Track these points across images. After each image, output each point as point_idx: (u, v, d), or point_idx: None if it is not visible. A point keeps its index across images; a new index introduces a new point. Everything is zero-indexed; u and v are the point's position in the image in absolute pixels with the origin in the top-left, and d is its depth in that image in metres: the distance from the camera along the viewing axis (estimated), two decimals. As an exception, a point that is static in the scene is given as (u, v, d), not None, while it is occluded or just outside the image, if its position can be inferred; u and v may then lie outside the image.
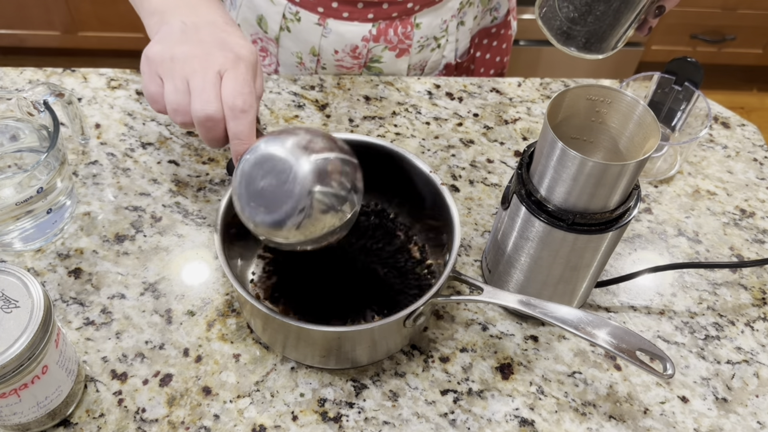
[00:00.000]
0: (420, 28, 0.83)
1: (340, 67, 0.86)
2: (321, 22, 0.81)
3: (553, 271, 0.58)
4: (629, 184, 0.51)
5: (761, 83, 2.28)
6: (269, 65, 0.88)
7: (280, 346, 0.59)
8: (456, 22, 0.86)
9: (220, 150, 0.77)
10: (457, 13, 0.85)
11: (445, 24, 0.85)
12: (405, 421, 0.58)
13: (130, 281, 0.65)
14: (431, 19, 0.83)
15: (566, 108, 0.53)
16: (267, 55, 0.86)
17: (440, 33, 0.85)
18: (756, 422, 0.60)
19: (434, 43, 0.86)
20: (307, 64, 0.86)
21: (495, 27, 0.93)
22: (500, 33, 0.94)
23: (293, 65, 0.87)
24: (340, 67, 0.86)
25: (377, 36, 0.82)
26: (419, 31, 0.84)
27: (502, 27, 0.94)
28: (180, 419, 0.57)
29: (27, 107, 0.64)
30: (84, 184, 0.72)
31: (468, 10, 0.86)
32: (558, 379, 0.61)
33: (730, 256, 0.72)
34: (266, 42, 0.85)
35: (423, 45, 0.85)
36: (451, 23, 0.85)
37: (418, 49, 0.86)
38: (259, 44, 0.85)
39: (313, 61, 0.86)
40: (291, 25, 0.82)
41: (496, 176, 0.77)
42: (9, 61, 2.12)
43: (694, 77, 0.75)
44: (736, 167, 0.80)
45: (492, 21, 0.92)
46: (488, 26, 0.93)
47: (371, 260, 0.65)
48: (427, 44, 0.86)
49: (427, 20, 0.83)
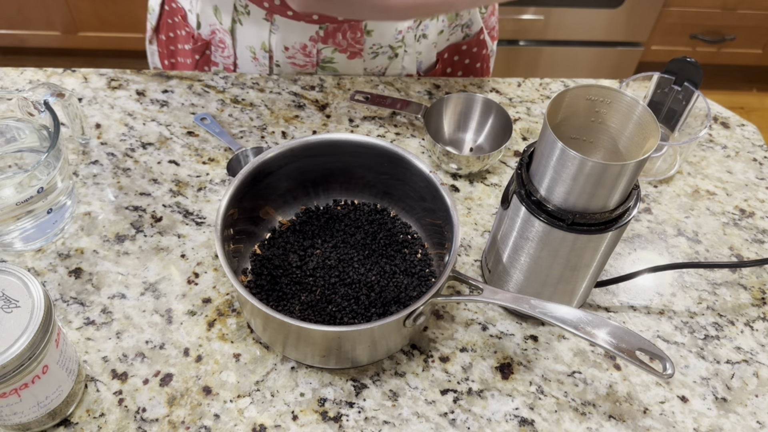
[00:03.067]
0: (371, 36, 0.83)
1: (293, 65, 0.86)
2: (268, 18, 0.81)
3: (552, 271, 0.58)
4: (629, 184, 0.51)
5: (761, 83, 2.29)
6: (227, 57, 0.88)
7: (280, 346, 0.59)
8: (414, 34, 0.85)
9: (221, 150, 0.77)
10: (415, 26, 0.84)
11: (400, 34, 0.84)
12: (405, 421, 0.58)
13: (131, 281, 0.65)
14: (383, 28, 0.82)
15: (566, 108, 0.53)
16: (225, 47, 0.86)
17: (396, 42, 0.84)
18: (755, 422, 0.60)
19: (390, 52, 0.85)
20: (260, 60, 0.86)
21: (466, 44, 0.91)
22: (472, 51, 0.92)
23: (249, 59, 0.87)
24: (293, 65, 0.86)
25: (325, 38, 0.82)
26: (370, 38, 0.83)
27: (475, 45, 0.92)
28: (180, 419, 0.57)
29: (27, 107, 0.64)
30: (84, 184, 0.72)
31: (429, 24, 0.85)
32: (558, 378, 0.61)
33: (729, 256, 0.72)
34: (222, 33, 0.85)
35: (377, 52, 0.85)
36: (407, 34, 0.84)
37: (372, 55, 0.85)
38: (217, 35, 0.86)
39: (265, 57, 0.85)
40: (242, 18, 0.82)
41: (496, 176, 0.77)
42: (9, 61, 2.12)
43: (694, 77, 0.75)
44: (736, 167, 0.80)
45: (464, 38, 0.91)
46: (459, 42, 0.91)
47: (371, 260, 0.65)
48: (382, 51, 0.85)
49: (378, 28, 0.82)
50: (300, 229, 0.68)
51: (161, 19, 0.92)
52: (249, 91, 0.83)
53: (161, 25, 0.93)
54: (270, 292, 0.63)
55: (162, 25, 0.93)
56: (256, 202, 0.65)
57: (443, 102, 0.78)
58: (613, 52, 2.04)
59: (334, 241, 0.66)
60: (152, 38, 0.96)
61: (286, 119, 0.81)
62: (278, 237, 0.67)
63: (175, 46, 0.93)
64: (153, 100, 0.82)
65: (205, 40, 0.87)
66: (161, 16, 0.92)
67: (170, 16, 0.90)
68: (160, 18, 0.92)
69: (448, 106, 0.79)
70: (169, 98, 0.82)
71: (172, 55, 0.94)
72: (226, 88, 0.84)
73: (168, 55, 0.94)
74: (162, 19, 0.92)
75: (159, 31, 0.94)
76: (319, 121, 0.81)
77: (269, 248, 0.66)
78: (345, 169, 0.68)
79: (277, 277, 0.64)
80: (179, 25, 0.90)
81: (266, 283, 0.63)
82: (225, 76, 0.85)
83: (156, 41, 0.96)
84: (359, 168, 0.67)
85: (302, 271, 0.64)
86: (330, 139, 0.65)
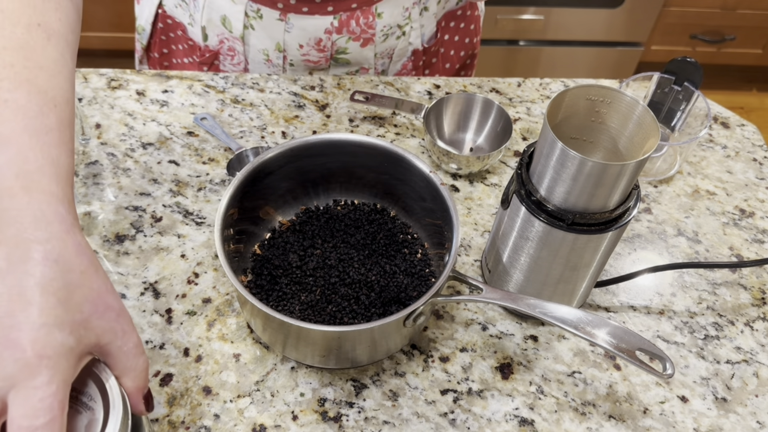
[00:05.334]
0: (382, 18, 0.83)
1: (307, 62, 0.86)
2: (282, 18, 0.81)
3: (552, 271, 0.58)
4: (629, 184, 0.51)
5: (761, 83, 2.29)
6: (238, 64, 0.88)
7: (280, 346, 0.59)
8: (419, 9, 0.86)
9: (221, 150, 0.77)
10: (419, 0, 0.85)
11: (407, 12, 0.84)
12: (405, 421, 0.58)
13: (131, 281, 0.65)
14: (392, 8, 0.83)
15: (566, 108, 0.53)
16: (235, 54, 0.86)
17: (403, 21, 0.85)
18: (755, 422, 0.60)
19: (399, 31, 0.86)
20: (274, 61, 0.86)
21: (461, 9, 0.92)
22: (466, 14, 0.94)
23: (261, 62, 0.87)
24: (307, 62, 0.86)
25: (339, 28, 0.82)
26: (381, 21, 0.84)
27: (468, 8, 0.93)
28: (180, 419, 0.57)
29: (27, 107, 0.64)
30: (84, 184, 0.72)
31: None
32: (558, 378, 0.61)
33: (729, 256, 0.72)
34: (233, 41, 0.85)
35: (387, 34, 0.85)
36: (413, 10, 0.85)
37: (383, 38, 0.86)
38: (226, 44, 0.86)
39: (279, 58, 0.86)
40: (254, 22, 0.83)
41: (496, 176, 0.77)
42: (9, 61, 2.12)
43: (694, 77, 0.75)
44: (736, 167, 0.80)
45: (457, 3, 0.92)
46: (453, 9, 0.92)
47: (371, 260, 0.65)
48: (391, 32, 0.85)
49: (388, 9, 0.83)
50: (300, 229, 0.68)
51: (152, 37, 0.92)
52: (249, 91, 0.83)
53: (153, 43, 0.93)
54: (270, 292, 0.63)
55: (154, 44, 0.93)
56: (256, 202, 0.65)
57: (443, 102, 0.78)
58: (613, 52, 2.04)
59: (334, 241, 0.66)
60: (143, 58, 0.96)
61: (286, 119, 0.81)
62: (278, 237, 0.67)
63: (169, 62, 0.93)
64: (153, 100, 0.82)
65: (213, 50, 0.88)
66: (152, 35, 0.92)
67: (164, 33, 0.90)
68: (151, 37, 0.92)
69: (448, 106, 0.79)
70: (169, 98, 0.82)
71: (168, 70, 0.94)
72: (226, 88, 0.84)
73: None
74: (154, 38, 0.92)
75: (150, 49, 0.94)
76: (319, 121, 0.81)
77: (269, 248, 0.66)
78: (345, 169, 0.68)
79: (277, 277, 0.64)
80: (177, 40, 0.90)
81: (266, 283, 0.63)
82: (225, 76, 0.85)
83: (147, 61, 0.96)
84: (359, 168, 0.67)
85: (302, 271, 0.64)
86: (330, 139, 0.65)
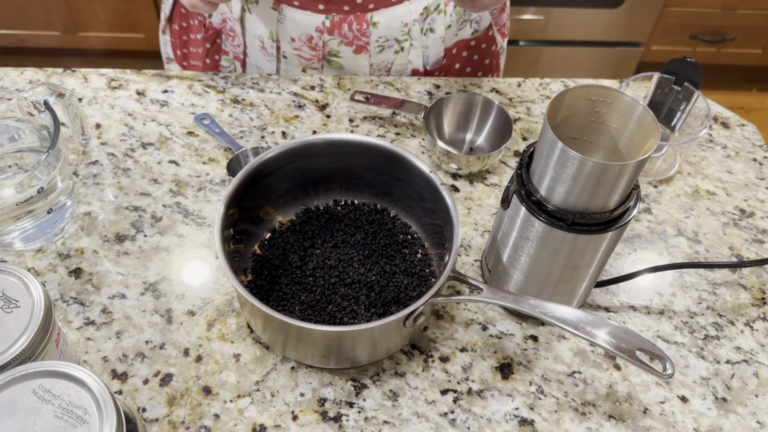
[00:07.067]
0: (377, 27, 0.83)
1: (299, 57, 0.86)
2: (276, 7, 0.82)
3: (552, 271, 0.58)
4: (629, 184, 0.51)
5: (761, 83, 2.28)
6: (238, 46, 0.88)
7: (280, 346, 0.59)
8: (420, 27, 0.85)
9: (221, 150, 0.77)
10: (421, 19, 0.84)
11: (406, 27, 0.84)
12: (405, 421, 0.58)
13: (131, 281, 0.65)
14: (389, 20, 0.83)
15: (566, 108, 0.53)
16: (235, 35, 0.87)
17: (402, 36, 0.85)
18: (755, 422, 0.60)
19: (397, 46, 0.85)
20: (268, 50, 0.87)
21: (475, 40, 0.91)
22: (481, 47, 0.92)
23: (257, 48, 0.88)
24: (299, 57, 0.86)
25: (331, 29, 0.83)
26: (377, 31, 0.83)
27: (483, 41, 0.92)
28: (180, 419, 0.57)
29: (27, 107, 0.64)
30: (84, 184, 0.73)
31: (436, 17, 0.85)
32: (558, 378, 0.61)
33: (729, 256, 0.72)
34: (233, 22, 0.86)
35: (383, 45, 0.85)
36: (413, 27, 0.84)
37: (379, 49, 0.85)
38: (228, 24, 0.87)
39: (273, 47, 0.86)
40: (251, 6, 0.83)
41: (496, 176, 0.77)
42: (9, 61, 2.12)
43: (694, 77, 0.75)
44: (736, 167, 0.80)
45: (473, 33, 0.90)
46: (467, 38, 0.90)
47: (371, 260, 0.65)
48: (388, 45, 0.85)
49: (384, 20, 0.83)
50: (300, 229, 0.68)
51: (174, 8, 0.93)
52: (249, 91, 0.83)
53: (174, 14, 0.94)
54: (270, 292, 0.63)
55: (175, 15, 0.94)
56: (256, 202, 0.65)
57: (443, 102, 0.78)
58: (613, 52, 2.04)
59: (334, 241, 0.66)
60: (165, 28, 0.97)
61: (286, 119, 0.81)
62: (278, 237, 0.67)
63: (187, 36, 0.94)
64: (153, 100, 0.82)
65: (216, 28, 0.88)
66: (175, 6, 0.92)
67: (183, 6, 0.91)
68: (173, 7, 0.93)
69: (448, 106, 0.79)
70: (169, 98, 0.82)
71: (185, 45, 0.94)
72: (226, 88, 0.84)
73: (180, 45, 0.95)
74: (175, 9, 0.93)
75: (172, 20, 0.95)
76: (319, 121, 0.81)
77: (269, 248, 0.66)
78: (345, 169, 0.68)
79: (277, 277, 0.64)
80: (192, 15, 0.91)
81: (266, 283, 0.63)
82: (225, 76, 0.85)
83: (169, 31, 0.96)
84: (359, 168, 0.67)
85: (302, 271, 0.64)
86: (330, 139, 0.65)
